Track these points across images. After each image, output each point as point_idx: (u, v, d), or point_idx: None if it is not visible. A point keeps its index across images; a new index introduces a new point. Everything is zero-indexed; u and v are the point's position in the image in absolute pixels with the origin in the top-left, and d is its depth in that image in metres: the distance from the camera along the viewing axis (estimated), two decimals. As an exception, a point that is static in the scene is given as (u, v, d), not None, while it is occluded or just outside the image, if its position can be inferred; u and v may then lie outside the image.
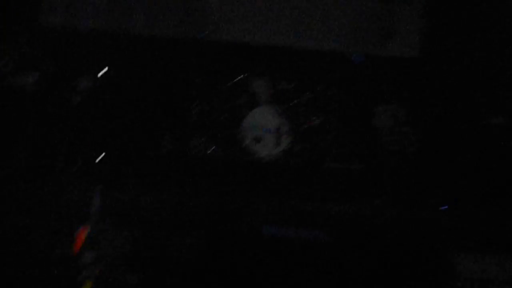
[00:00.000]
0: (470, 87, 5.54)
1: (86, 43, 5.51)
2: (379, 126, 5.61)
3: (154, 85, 5.72)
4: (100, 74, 5.29)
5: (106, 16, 5.69)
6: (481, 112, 5.18)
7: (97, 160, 5.14)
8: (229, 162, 5.40)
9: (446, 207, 5.02)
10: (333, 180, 5.42)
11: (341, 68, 5.89)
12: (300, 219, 3.98)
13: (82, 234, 3.41)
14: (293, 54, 5.85)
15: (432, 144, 5.52)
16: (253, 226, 3.34)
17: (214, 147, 5.59)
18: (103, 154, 5.11)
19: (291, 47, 5.81)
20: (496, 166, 5.03)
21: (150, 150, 5.52)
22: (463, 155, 5.28)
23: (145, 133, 5.59)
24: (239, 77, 5.71)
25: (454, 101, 5.59)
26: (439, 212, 4.62)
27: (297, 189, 5.15)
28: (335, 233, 3.42)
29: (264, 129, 5.53)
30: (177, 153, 5.47)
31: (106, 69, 5.11)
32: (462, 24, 5.78)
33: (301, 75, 5.85)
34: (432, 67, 5.77)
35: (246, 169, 5.35)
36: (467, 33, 5.71)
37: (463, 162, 5.21)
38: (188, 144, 5.56)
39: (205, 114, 5.71)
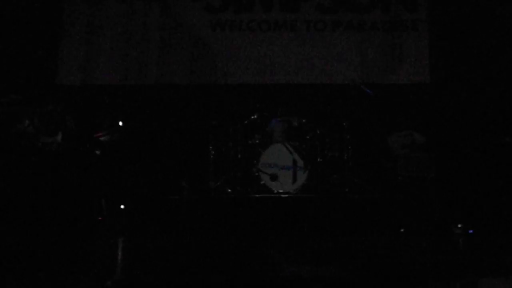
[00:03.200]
0: (481, 108, 5.53)
1: (103, 98, 5.78)
2: (396, 154, 5.60)
3: (171, 132, 5.91)
4: (118, 126, 5.52)
5: (121, 70, 5.99)
6: (495, 132, 5.13)
7: (121, 208, 5.27)
8: (248, 201, 5.45)
9: (471, 231, 4.93)
10: (354, 212, 5.38)
11: (353, 99, 5.96)
12: (320, 256, 3.95)
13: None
14: (303, 90, 5.98)
15: (450, 168, 5.47)
16: (273, 267, 3.35)
17: (232, 187, 5.67)
18: (125, 204, 5.24)
19: (301, 83, 5.97)
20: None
21: (171, 195, 5.63)
22: (481, 177, 5.21)
23: (165, 179, 5.73)
24: (252, 117, 5.84)
25: (467, 123, 5.57)
26: (462, 237, 4.55)
27: (317, 224, 5.13)
28: (356, 268, 3.39)
29: (280, 166, 5.59)
30: (198, 196, 5.57)
31: (121, 122, 5.34)
32: (468, 46, 5.83)
33: (313, 110, 5.95)
34: (442, 90, 5.79)
35: (265, 207, 5.38)
36: (474, 54, 5.75)
37: (481, 185, 5.14)
38: (208, 186, 5.66)
39: (221, 156, 5.83)
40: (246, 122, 5.79)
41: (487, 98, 5.62)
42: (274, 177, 5.56)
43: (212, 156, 5.79)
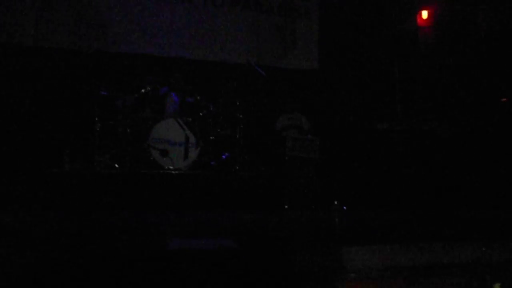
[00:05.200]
0: (362, 96, 6.02)
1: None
2: (284, 135, 5.86)
3: (53, 100, 5.43)
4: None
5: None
6: (370, 119, 5.64)
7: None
8: (136, 177, 5.27)
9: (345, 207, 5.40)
10: (243, 188, 5.53)
11: (247, 79, 6.06)
12: (209, 229, 4.01)
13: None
14: (196, 66, 5.91)
15: (331, 150, 5.89)
16: (159, 241, 3.31)
17: (120, 162, 5.43)
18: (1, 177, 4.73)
19: (195, 59, 5.88)
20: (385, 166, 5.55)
21: (52, 168, 5.21)
22: (357, 160, 5.72)
23: (46, 151, 5.28)
24: (143, 90, 5.61)
25: (348, 110, 6.03)
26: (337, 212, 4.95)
27: (207, 198, 5.18)
28: (244, 240, 3.50)
29: (171, 142, 5.48)
30: (81, 170, 5.22)
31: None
32: (356, 35, 6.26)
33: (206, 87, 5.91)
34: (329, 77, 6.17)
35: (154, 183, 5.26)
36: (361, 43, 6.20)
37: (356, 166, 5.66)
38: (92, 160, 5.34)
39: (109, 129, 5.53)
40: (137, 94, 5.55)
41: (367, 87, 6.12)
42: (164, 153, 5.44)
43: (98, 129, 5.47)
